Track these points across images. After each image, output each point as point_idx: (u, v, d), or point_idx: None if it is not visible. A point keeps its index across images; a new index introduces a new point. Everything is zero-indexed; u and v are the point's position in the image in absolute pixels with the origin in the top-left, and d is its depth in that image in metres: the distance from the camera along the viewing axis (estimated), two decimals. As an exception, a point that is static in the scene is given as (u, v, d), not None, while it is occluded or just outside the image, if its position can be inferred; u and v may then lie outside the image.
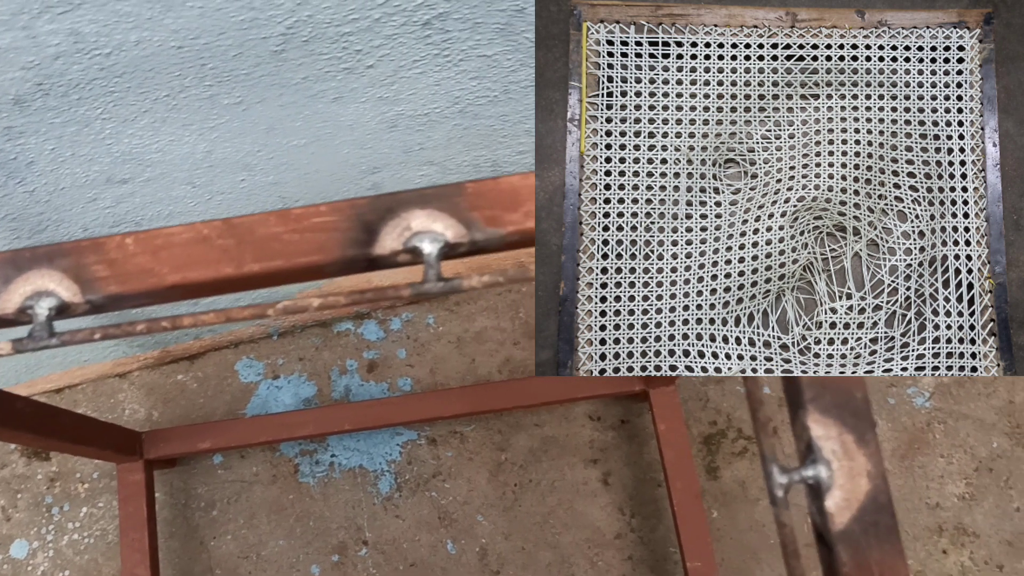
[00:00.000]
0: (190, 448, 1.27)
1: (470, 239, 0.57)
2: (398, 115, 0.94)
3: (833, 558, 0.52)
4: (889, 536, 0.52)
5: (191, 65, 0.76)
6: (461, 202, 0.57)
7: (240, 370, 1.45)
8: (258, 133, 0.89)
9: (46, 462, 1.40)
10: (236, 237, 0.56)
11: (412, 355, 1.46)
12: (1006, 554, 1.38)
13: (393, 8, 0.77)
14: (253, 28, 0.74)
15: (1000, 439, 1.43)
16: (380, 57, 0.83)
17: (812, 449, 0.53)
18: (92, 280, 0.55)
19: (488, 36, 0.84)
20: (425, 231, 0.56)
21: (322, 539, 1.38)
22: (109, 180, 0.90)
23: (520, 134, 1.05)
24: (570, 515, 1.39)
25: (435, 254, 0.56)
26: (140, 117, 0.81)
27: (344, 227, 0.56)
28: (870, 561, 0.51)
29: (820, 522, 0.53)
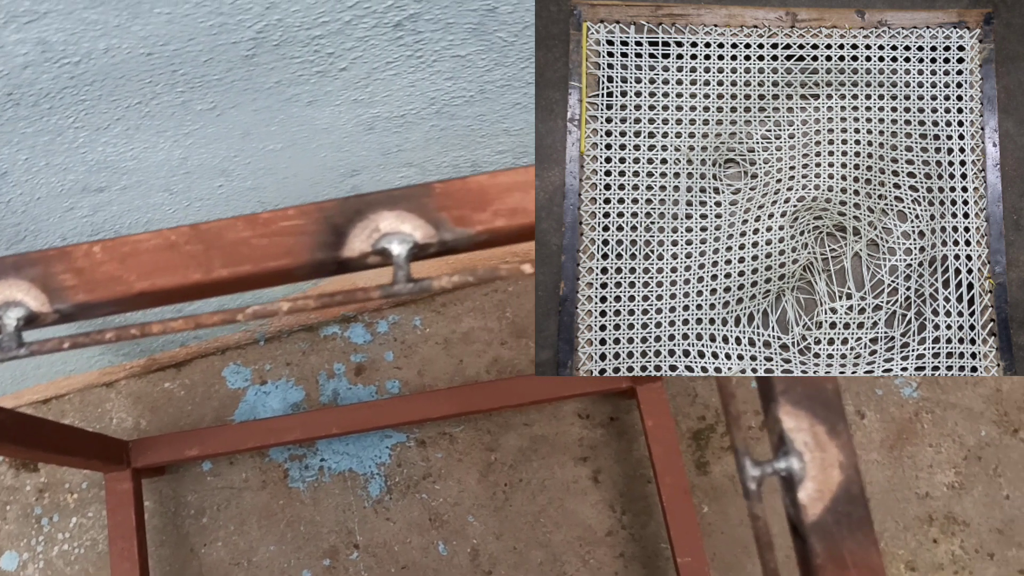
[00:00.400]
0: (177, 456, 1.27)
1: (439, 239, 0.56)
2: (374, 117, 0.94)
3: (807, 549, 0.52)
4: (862, 526, 0.52)
5: (162, 72, 0.76)
6: (429, 202, 0.57)
7: (227, 376, 1.45)
8: (233, 138, 0.89)
9: (34, 473, 1.40)
10: (204, 243, 0.56)
11: (399, 357, 1.46)
12: (996, 542, 1.38)
13: (363, 10, 0.77)
14: (223, 33, 0.74)
15: (988, 427, 1.43)
16: (353, 59, 0.83)
17: (784, 441, 0.53)
18: (60, 289, 0.55)
19: (461, 36, 0.84)
20: (394, 232, 0.56)
21: (313, 544, 1.37)
22: (85, 189, 0.90)
23: (498, 133, 1.05)
24: (561, 513, 1.39)
25: (404, 255, 0.56)
26: (113, 125, 0.81)
27: (312, 230, 0.56)
28: (843, 552, 0.51)
29: (793, 514, 0.53)
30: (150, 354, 1.37)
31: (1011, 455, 1.42)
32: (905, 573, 1.36)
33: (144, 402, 1.43)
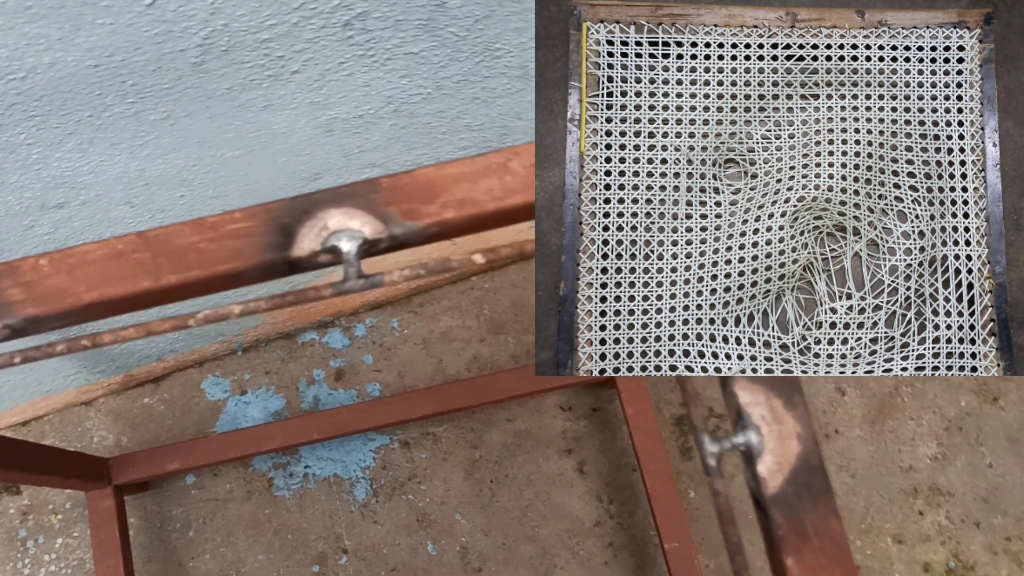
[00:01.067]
0: (158, 470, 1.26)
1: (389, 234, 0.56)
2: (332, 119, 0.93)
3: (769, 521, 0.52)
4: (822, 495, 0.52)
5: (110, 83, 0.76)
6: (377, 198, 0.57)
7: (207, 388, 1.44)
8: (190, 147, 0.89)
9: (17, 496, 1.39)
10: (152, 250, 0.56)
11: (379, 360, 1.46)
12: (982, 511, 1.39)
13: (310, 11, 0.76)
14: (168, 41, 0.73)
15: (968, 397, 1.44)
16: (304, 62, 0.83)
17: (742, 416, 0.53)
18: (8, 304, 0.54)
19: (412, 33, 0.84)
20: (343, 229, 0.56)
21: (301, 551, 1.37)
22: (44, 206, 0.89)
23: (460, 129, 1.05)
24: (548, 507, 1.39)
25: (354, 252, 0.56)
26: (66, 140, 0.81)
27: (260, 232, 0.56)
28: (804, 522, 0.51)
29: (754, 487, 0.53)
30: (127, 370, 1.36)
31: (992, 424, 1.43)
32: (892, 546, 1.37)
33: (124, 419, 1.43)
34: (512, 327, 1.47)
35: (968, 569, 1.36)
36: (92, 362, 1.30)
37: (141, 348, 1.31)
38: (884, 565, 1.36)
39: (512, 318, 1.48)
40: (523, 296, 1.49)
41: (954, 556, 1.37)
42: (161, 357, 1.37)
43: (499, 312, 1.48)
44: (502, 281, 1.50)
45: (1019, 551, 1.37)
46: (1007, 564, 1.36)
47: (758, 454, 0.52)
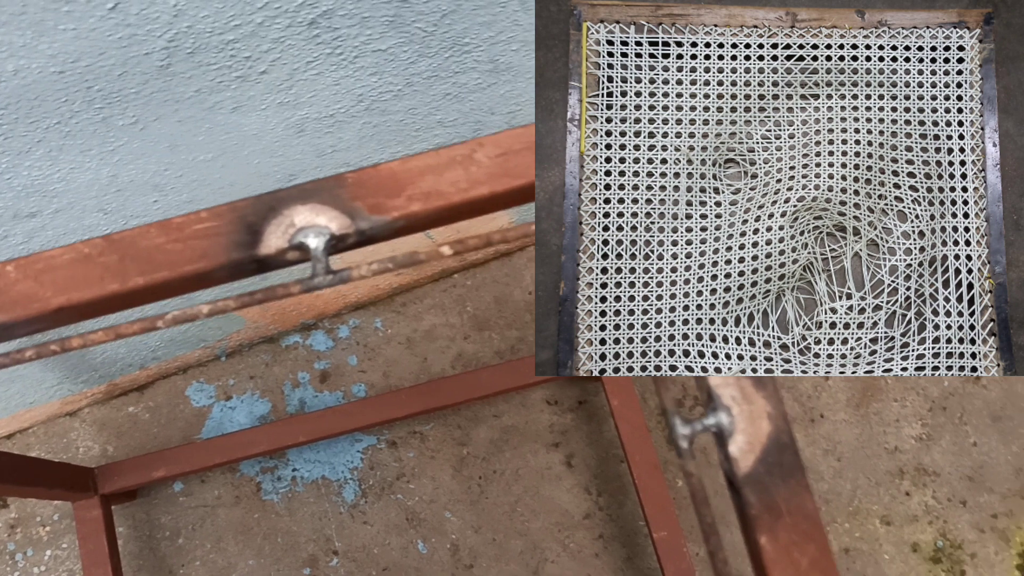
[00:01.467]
0: (144, 478, 1.26)
1: (356, 229, 0.56)
2: (303, 119, 0.93)
3: (742, 501, 0.52)
4: (794, 473, 0.52)
5: (77, 89, 0.75)
6: (343, 193, 0.57)
7: (191, 395, 1.44)
8: (161, 151, 0.88)
9: (4, 509, 1.39)
10: (118, 252, 0.55)
11: (363, 361, 1.46)
12: (968, 489, 1.39)
13: (274, 11, 0.76)
14: (133, 45, 0.73)
15: (950, 377, 1.45)
16: (272, 62, 0.83)
17: (712, 397, 0.53)
18: (-25, 312, 0.54)
19: (379, 30, 0.84)
20: (309, 226, 0.56)
21: (292, 554, 1.37)
22: (16, 216, 0.89)
23: (433, 126, 1.05)
24: (537, 501, 1.39)
25: (322, 248, 0.56)
26: (35, 148, 0.80)
27: (227, 231, 0.56)
28: (777, 500, 0.52)
29: (727, 468, 0.53)
30: (110, 379, 1.36)
31: (975, 403, 1.44)
32: (880, 528, 1.37)
33: (109, 428, 1.42)
34: (496, 323, 1.47)
35: (956, 547, 1.37)
36: (75, 372, 1.30)
37: (123, 356, 1.30)
38: (873, 547, 1.37)
39: (495, 314, 1.48)
40: (506, 292, 1.49)
41: (942, 535, 1.37)
42: (144, 365, 1.36)
43: (482, 309, 1.48)
44: (484, 278, 1.50)
45: (1006, 528, 1.38)
46: (994, 541, 1.37)
47: (730, 435, 0.53)
